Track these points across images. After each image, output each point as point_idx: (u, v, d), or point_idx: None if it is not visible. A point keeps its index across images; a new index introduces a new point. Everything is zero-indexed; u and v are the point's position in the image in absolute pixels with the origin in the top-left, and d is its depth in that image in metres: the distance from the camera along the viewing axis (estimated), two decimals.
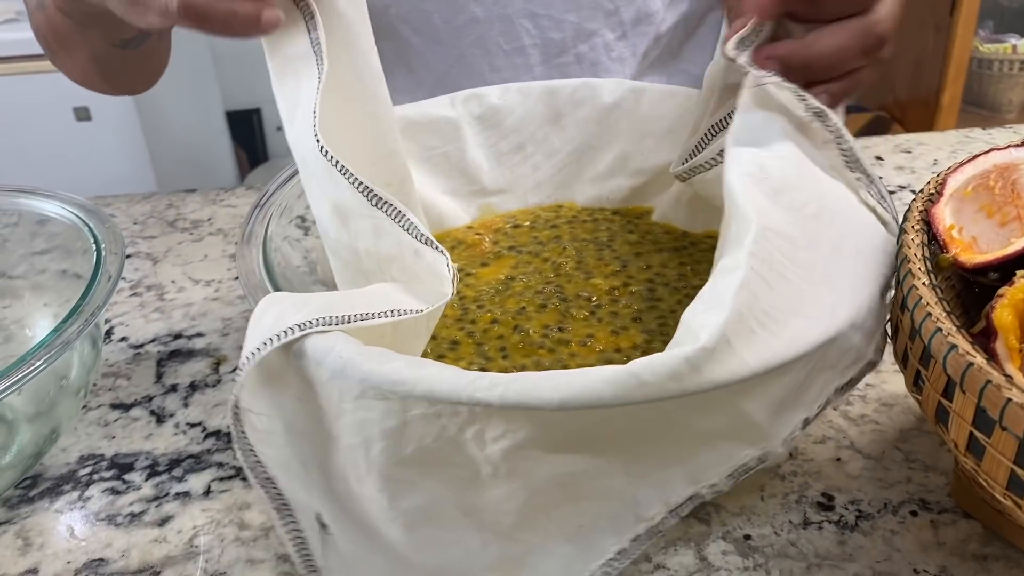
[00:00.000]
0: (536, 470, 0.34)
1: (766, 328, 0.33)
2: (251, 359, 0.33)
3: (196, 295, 0.60)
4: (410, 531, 0.34)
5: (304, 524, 0.35)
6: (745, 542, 0.40)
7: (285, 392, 0.34)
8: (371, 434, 0.33)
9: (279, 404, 0.34)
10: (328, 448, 0.35)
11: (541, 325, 0.46)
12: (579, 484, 0.35)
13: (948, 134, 0.75)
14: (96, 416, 0.50)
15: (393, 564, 0.35)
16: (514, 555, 0.36)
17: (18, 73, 1.58)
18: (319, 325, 0.33)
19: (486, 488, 0.34)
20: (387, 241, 0.40)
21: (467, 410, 0.31)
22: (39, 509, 0.44)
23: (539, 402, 0.30)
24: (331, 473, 0.35)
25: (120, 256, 0.46)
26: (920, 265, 0.34)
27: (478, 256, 0.53)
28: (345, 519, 0.35)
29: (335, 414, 0.33)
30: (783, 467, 0.43)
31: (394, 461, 0.33)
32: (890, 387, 0.48)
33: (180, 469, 0.46)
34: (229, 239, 0.66)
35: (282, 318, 0.33)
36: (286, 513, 0.35)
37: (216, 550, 0.41)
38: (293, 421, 0.35)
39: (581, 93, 0.57)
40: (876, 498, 0.42)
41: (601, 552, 0.36)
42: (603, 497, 0.36)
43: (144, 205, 0.71)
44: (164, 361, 0.54)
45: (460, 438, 0.32)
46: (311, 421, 0.34)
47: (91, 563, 0.41)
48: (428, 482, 0.34)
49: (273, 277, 0.41)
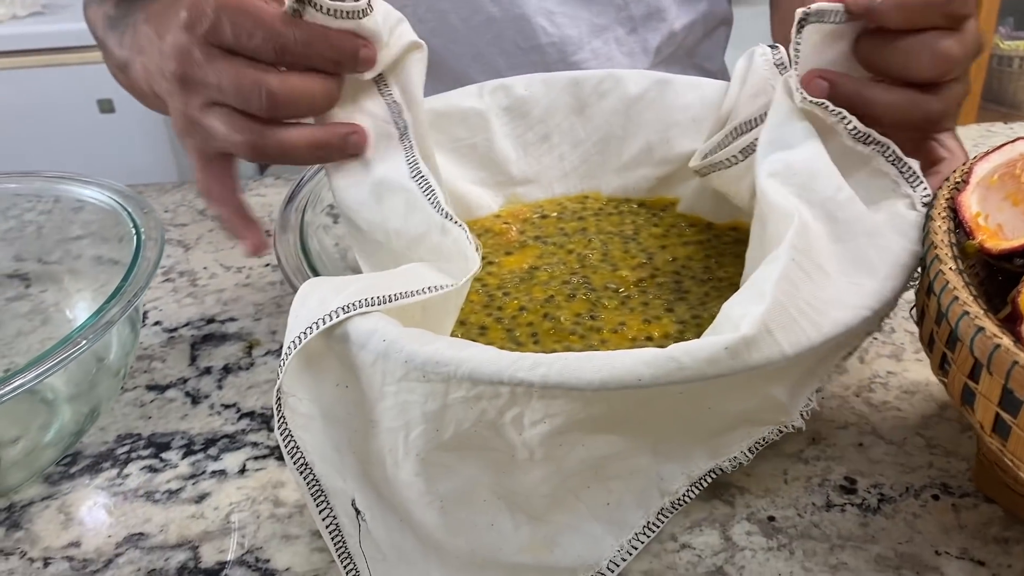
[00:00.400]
0: (571, 454, 0.35)
1: (806, 317, 0.34)
2: (297, 343, 0.33)
3: (228, 281, 0.61)
4: (445, 514, 0.35)
5: (339, 510, 0.36)
6: (769, 523, 0.41)
7: (325, 378, 0.35)
8: (412, 417, 0.33)
9: (318, 389, 0.35)
10: (367, 433, 0.35)
11: (572, 313, 0.47)
12: (609, 465, 0.36)
13: (969, 128, 0.76)
14: (133, 397, 0.51)
15: (427, 548, 0.36)
16: (545, 535, 0.37)
17: (43, 66, 1.60)
18: (362, 306, 0.34)
19: (521, 472, 0.35)
20: (417, 218, 0.41)
21: (508, 392, 0.32)
22: (79, 485, 0.45)
23: (580, 382, 0.31)
24: (368, 459, 0.36)
25: (159, 241, 0.48)
26: (947, 251, 0.35)
27: (503, 245, 0.54)
28: (380, 505, 0.36)
29: (376, 398, 0.34)
30: (806, 451, 0.44)
31: (433, 445, 0.34)
32: (911, 375, 0.49)
33: (215, 448, 0.47)
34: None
35: (325, 302, 0.34)
36: (321, 499, 0.35)
37: (252, 526, 0.42)
38: (332, 406, 0.35)
39: (606, 84, 0.57)
40: (898, 482, 0.42)
41: (629, 527, 0.37)
42: (630, 475, 0.37)
43: (175, 194, 0.73)
44: (198, 344, 0.55)
45: (499, 422, 0.33)
46: (350, 407, 0.35)
47: (131, 537, 0.42)
48: (464, 466, 0.35)
49: (311, 261, 0.42)
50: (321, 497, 0.35)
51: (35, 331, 0.55)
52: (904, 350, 0.51)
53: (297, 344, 0.33)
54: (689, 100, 0.55)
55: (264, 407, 0.49)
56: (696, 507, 0.41)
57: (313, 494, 0.35)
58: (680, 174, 0.56)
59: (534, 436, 0.33)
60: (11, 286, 0.57)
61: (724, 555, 0.39)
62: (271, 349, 0.54)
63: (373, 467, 0.36)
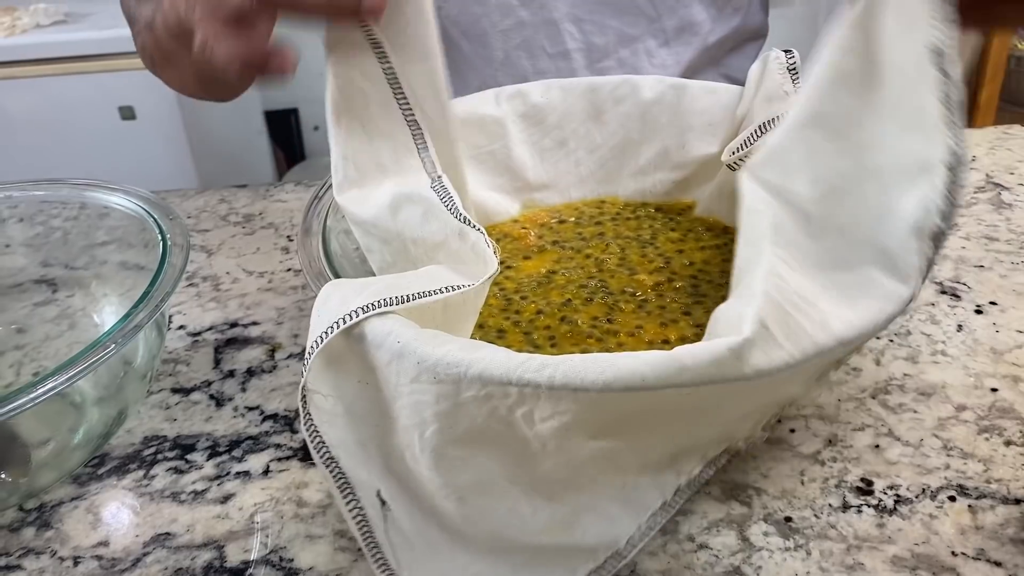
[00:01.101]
0: (583, 446, 0.35)
1: (800, 311, 0.34)
2: (319, 343, 0.34)
3: (250, 286, 0.62)
4: (464, 504, 0.36)
5: (365, 502, 0.37)
6: (786, 524, 0.41)
7: (347, 375, 0.36)
8: (425, 416, 0.34)
9: (341, 386, 0.36)
10: (387, 428, 0.36)
11: (589, 317, 0.47)
12: (623, 456, 0.37)
13: (987, 130, 0.76)
14: (158, 400, 0.52)
15: (451, 536, 0.37)
16: (564, 517, 0.37)
17: (66, 74, 1.62)
18: (381, 306, 0.34)
19: (536, 461, 0.36)
20: (434, 226, 0.42)
21: (517, 391, 0.33)
22: (107, 486, 0.46)
23: (584, 383, 0.32)
24: (390, 453, 0.37)
25: (185, 247, 0.48)
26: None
27: (522, 249, 0.55)
28: (404, 496, 0.37)
29: (393, 396, 0.35)
30: (823, 453, 0.45)
31: (447, 440, 0.35)
32: (928, 377, 0.49)
33: (240, 450, 0.48)
34: (280, 232, 0.68)
35: (345, 302, 0.35)
36: (347, 492, 0.36)
37: (275, 526, 0.43)
38: (353, 402, 0.36)
39: (622, 90, 0.58)
40: (914, 483, 0.43)
41: (646, 508, 0.38)
42: (644, 464, 0.38)
43: (197, 200, 0.74)
44: (221, 348, 0.56)
45: (510, 418, 0.34)
46: (371, 403, 0.36)
47: (158, 537, 0.43)
48: (479, 458, 0.35)
49: (333, 264, 0.43)
50: (348, 489, 0.36)
51: (62, 335, 0.56)
52: (920, 352, 0.51)
53: (319, 344, 0.34)
54: (705, 105, 0.56)
55: (287, 409, 0.50)
56: (713, 508, 0.42)
57: (340, 487, 0.36)
58: (697, 178, 0.57)
59: (545, 430, 0.34)
60: (39, 291, 0.59)
61: (741, 555, 0.39)
62: (293, 352, 0.55)
63: (395, 460, 0.37)
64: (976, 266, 0.58)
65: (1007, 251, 0.59)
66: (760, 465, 0.44)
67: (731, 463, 0.39)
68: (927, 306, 0.55)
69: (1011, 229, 0.61)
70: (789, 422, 0.46)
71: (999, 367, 0.49)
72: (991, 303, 0.54)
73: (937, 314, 0.54)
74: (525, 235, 0.56)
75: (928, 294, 0.55)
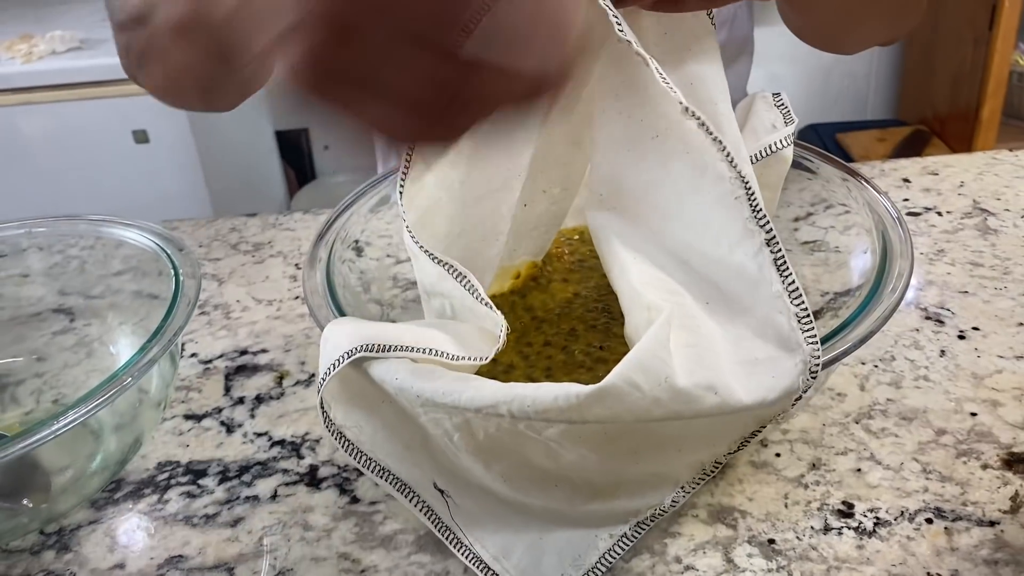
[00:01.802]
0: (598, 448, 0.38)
1: (695, 348, 0.36)
2: (321, 385, 0.38)
3: (259, 314, 0.64)
4: (509, 484, 0.39)
5: (426, 496, 0.41)
6: (769, 546, 0.43)
7: (372, 400, 0.39)
8: (446, 428, 0.37)
9: (371, 409, 0.40)
10: (423, 435, 0.40)
11: (586, 344, 0.49)
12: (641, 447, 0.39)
13: (975, 156, 0.77)
14: (171, 426, 0.54)
15: (510, 509, 0.41)
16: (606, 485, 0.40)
17: (81, 99, 1.66)
18: (365, 351, 0.37)
19: (558, 454, 0.38)
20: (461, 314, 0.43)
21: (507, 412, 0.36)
22: (123, 510, 0.48)
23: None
24: (433, 451, 0.40)
25: (197, 280, 0.51)
26: None
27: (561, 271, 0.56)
28: (457, 482, 0.41)
29: (415, 414, 0.38)
30: (806, 476, 0.46)
31: (473, 445, 0.38)
32: (910, 402, 0.51)
33: (249, 475, 0.50)
34: (289, 261, 0.70)
35: (338, 347, 0.38)
36: (408, 491, 0.41)
37: (283, 549, 0.45)
38: (388, 418, 0.40)
39: None
40: (893, 506, 0.44)
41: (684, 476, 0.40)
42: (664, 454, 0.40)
43: (208, 229, 0.76)
44: (232, 375, 0.58)
45: (516, 428, 0.36)
46: (400, 416, 0.39)
47: (172, 559, 0.45)
48: (509, 453, 0.38)
49: (335, 296, 0.45)
50: (407, 489, 0.41)
51: (80, 363, 0.59)
52: (904, 377, 0.53)
53: (321, 386, 0.37)
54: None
55: (294, 435, 0.52)
56: (700, 530, 0.44)
57: (399, 489, 0.41)
58: None
59: (553, 435, 0.36)
60: (57, 320, 0.61)
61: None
62: (300, 379, 0.57)
63: (439, 455, 0.40)
64: (960, 291, 0.60)
65: (991, 276, 0.61)
66: (746, 488, 0.46)
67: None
68: (911, 332, 0.56)
69: (996, 255, 0.63)
70: (775, 446, 0.48)
71: (979, 392, 0.51)
72: (974, 328, 0.56)
73: (921, 339, 0.56)
74: (560, 253, 0.57)
75: (913, 320, 0.57)
